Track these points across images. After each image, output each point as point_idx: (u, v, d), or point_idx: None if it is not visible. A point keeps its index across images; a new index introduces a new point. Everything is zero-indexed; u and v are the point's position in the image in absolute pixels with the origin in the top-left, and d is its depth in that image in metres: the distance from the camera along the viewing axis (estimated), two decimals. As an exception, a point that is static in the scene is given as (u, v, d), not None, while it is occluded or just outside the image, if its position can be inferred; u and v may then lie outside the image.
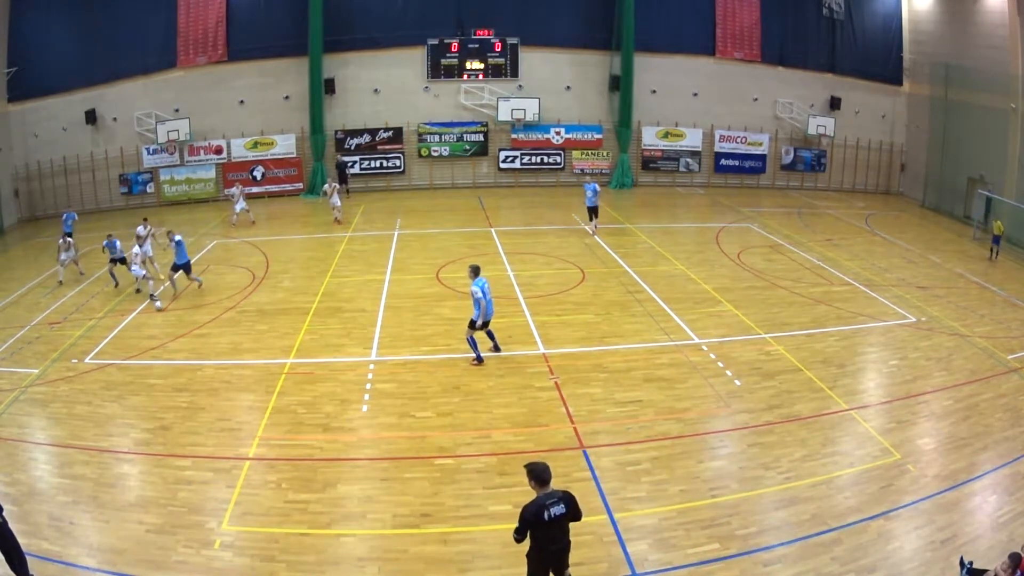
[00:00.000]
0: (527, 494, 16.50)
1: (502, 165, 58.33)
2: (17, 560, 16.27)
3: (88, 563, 17.25)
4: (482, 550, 16.85)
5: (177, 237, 34.29)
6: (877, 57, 57.22)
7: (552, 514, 13.22)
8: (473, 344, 26.11)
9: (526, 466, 13.80)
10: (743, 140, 56.25)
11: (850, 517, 17.17)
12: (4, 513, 16.08)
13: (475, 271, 26.07)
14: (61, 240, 37.52)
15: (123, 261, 35.94)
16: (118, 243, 36.53)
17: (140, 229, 37.61)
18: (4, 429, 23.75)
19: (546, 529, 13.31)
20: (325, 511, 18.43)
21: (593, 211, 42.69)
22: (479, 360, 26.15)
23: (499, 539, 16.89)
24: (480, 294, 25.21)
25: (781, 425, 21.37)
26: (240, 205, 48.60)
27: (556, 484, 15.85)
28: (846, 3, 56.39)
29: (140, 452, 22.15)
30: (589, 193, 42.36)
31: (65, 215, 45.21)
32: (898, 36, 57.24)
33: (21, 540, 16.94)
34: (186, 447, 22.02)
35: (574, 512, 13.58)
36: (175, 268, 34.44)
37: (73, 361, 28.61)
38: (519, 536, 13.43)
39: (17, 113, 55.20)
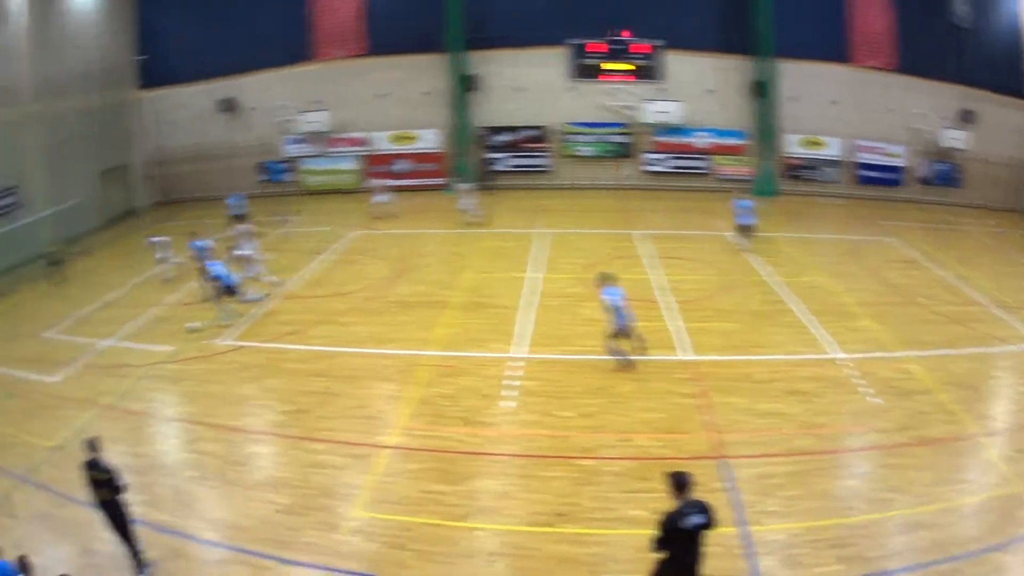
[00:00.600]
0: (665, 500, 16.81)
1: (646, 168, 58.17)
2: (131, 536, 16.89)
3: (209, 537, 18.18)
4: (614, 554, 16.99)
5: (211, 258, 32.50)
6: (1007, 69, 55.64)
7: (691, 524, 13.09)
8: (614, 352, 25.96)
9: (669, 474, 13.65)
10: (880, 151, 54.78)
11: (971, 546, 16.83)
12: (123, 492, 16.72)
13: (602, 279, 26.05)
14: (154, 241, 37.83)
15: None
16: (202, 244, 34.75)
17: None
18: (132, 403, 25.02)
19: (685, 539, 13.20)
20: (460, 503, 18.81)
21: (745, 229, 39.97)
22: (628, 362, 25.97)
23: (632, 544, 16.93)
24: (609, 302, 25.12)
25: (913, 447, 21.05)
26: (380, 198, 49.58)
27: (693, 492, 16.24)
28: (975, 12, 54.84)
29: (274, 433, 23.24)
30: (741, 210, 39.48)
31: (232, 199, 47.58)
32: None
33: (139, 511, 17.95)
34: (322, 431, 22.81)
35: (712, 522, 13.40)
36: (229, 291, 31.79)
37: (207, 341, 29.33)
38: (659, 545, 13.31)
39: (149, 100, 57.60)
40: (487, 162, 58.13)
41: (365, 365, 27.43)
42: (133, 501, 17.96)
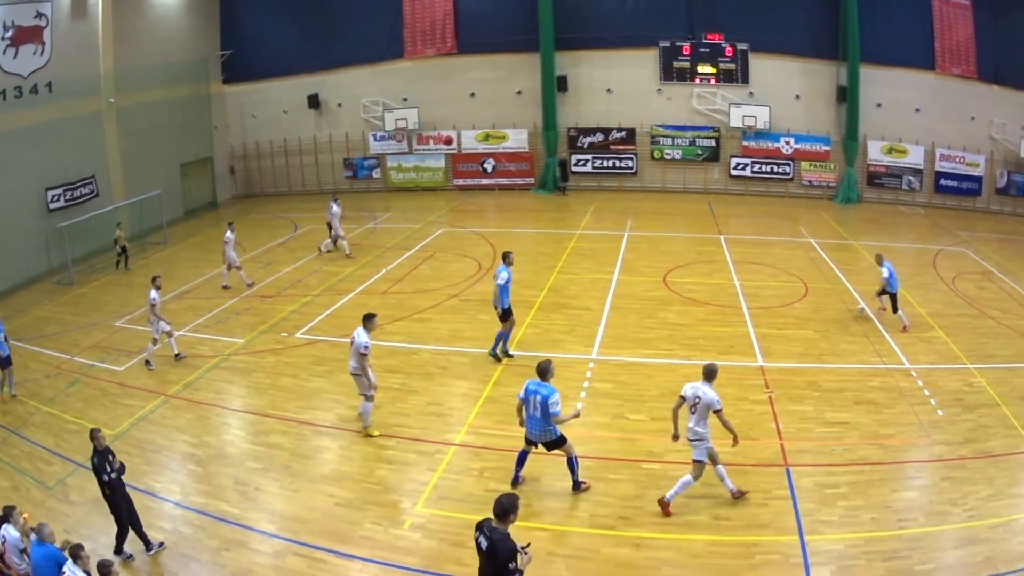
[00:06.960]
0: (728, 507, 17.31)
1: (733, 172, 58.05)
2: (130, 525, 17.42)
3: (267, 528, 18.51)
4: (672, 558, 16.94)
5: None
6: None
7: (479, 542, 13.11)
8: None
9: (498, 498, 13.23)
10: (961, 160, 53.44)
11: (1018, 564, 16.43)
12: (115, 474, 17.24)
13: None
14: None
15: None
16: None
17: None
18: (200, 393, 25.68)
19: (479, 552, 13.17)
20: (525, 503, 18.25)
21: (892, 298, 31.25)
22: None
23: (690, 550, 17.11)
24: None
25: (973, 461, 20.73)
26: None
27: (755, 499, 16.08)
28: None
29: (343, 428, 23.48)
30: (885, 272, 30.97)
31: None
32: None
33: (200, 500, 18.91)
34: (392, 427, 23.18)
35: (493, 548, 12.82)
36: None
37: (283, 334, 30.20)
38: None
39: (233, 94, 59.24)
40: (562, 164, 58.71)
41: (442, 363, 27.88)
42: (194, 490, 18.06)
